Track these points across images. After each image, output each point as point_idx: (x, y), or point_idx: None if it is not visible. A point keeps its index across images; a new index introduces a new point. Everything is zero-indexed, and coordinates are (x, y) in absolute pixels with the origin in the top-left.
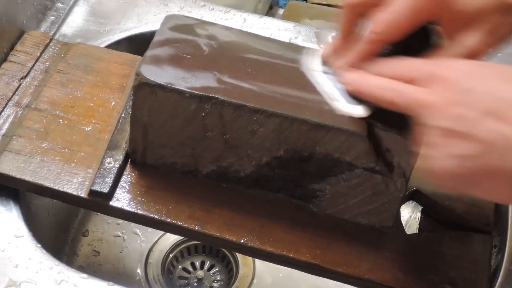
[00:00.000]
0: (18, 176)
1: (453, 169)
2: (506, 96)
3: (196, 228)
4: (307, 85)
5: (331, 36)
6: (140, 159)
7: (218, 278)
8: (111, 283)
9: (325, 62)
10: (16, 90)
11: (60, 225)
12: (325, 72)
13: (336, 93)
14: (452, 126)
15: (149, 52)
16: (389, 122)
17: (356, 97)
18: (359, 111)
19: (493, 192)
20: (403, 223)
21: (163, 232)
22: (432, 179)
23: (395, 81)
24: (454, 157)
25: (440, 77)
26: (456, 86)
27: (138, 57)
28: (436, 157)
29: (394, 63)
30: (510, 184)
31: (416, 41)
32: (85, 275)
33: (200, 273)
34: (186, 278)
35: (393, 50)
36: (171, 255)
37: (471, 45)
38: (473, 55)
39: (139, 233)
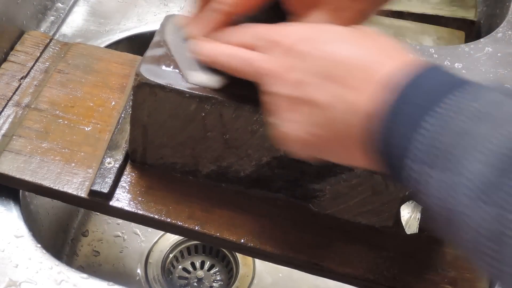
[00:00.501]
0: (18, 176)
1: (300, 136)
2: (341, 59)
3: (196, 228)
4: None
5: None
6: (140, 159)
7: (218, 278)
8: (111, 283)
9: (187, 35)
10: (16, 90)
11: (60, 225)
12: (183, 41)
13: (192, 63)
14: (293, 93)
15: (149, 52)
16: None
17: (212, 68)
18: (212, 81)
19: (343, 156)
20: (403, 223)
21: (163, 232)
22: (283, 147)
23: (238, 48)
24: (299, 123)
25: (277, 42)
26: (292, 51)
27: (138, 57)
28: (282, 125)
29: (241, 31)
30: (356, 147)
31: (269, 16)
32: (85, 275)
33: (200, 273)
34: (186, 278)
35: (249, 22)
36: (171, 255)
37: (315, 22)
38: None
39: (139, 233)
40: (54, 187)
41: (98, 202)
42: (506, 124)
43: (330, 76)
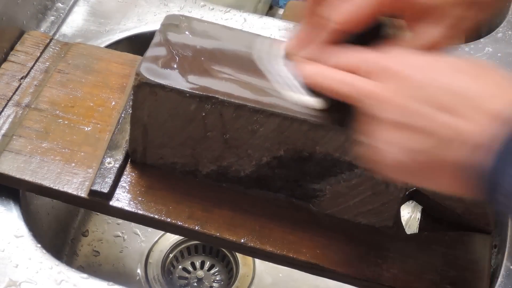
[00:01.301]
0: (18, 176)
1: (403, 162)
2: (457, 91)
3: (196, 228)
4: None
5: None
6: (140, 159)
7: (218, 278)
8: (111, 283)
9: (289, 54)
10: (16, 90)
11: (60, 225)
12: (286, 65)
13: (296, 85)
14: (403, 119)
15: (149, 52)
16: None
17: (310, 89)
18: (315, 102)
19: (442, 185)
20: (403, 223)
21: (163, 232)
22: (383, 171)
23: (350, 75)
24: (405, 151)
25: (393, 70)
26: (408, 80)
27: (138, 57)
28: (387, 150)
29: (351, 55)
30: (458, 177)
31: (374, 34)
32: (85, 275)
33: (200, 273)
34: (186, 278)
35: (351, 42)
36: (171, 255)
37: (432, 38)
38: (433, 48)
39: (139, 233)
40: (54, 187)
41: (98, 202)
42: None
43: (444, 106)
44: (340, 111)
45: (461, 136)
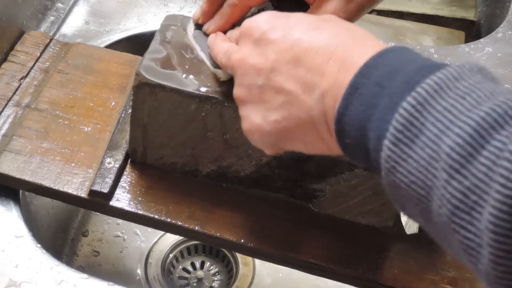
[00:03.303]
0: (18, 176)
1: (261, 124)
2: (304, 45)
3: (196, 228)
4: None
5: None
6: (140, 159)
7: (218, 278)
8: (111, 283)
9: (199, 25)
10: (16, 90)
11: (60, 225)
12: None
13: (207, 55)
14: (254, 80)
15: (149, 52)
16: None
17: None
18: (221, 74)
19: (307, 143)
20: (403, 223)
21: (163, 232)
22: (249, 139)
23: (222, 41)
24: (261, 112)
25: (246, 33)
26: (258, 40)
27: (138, 57)
28: (246, 116)
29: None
30: (318, 132)
31: (288, 6)
32: (85, 275)
33: (200, 273)
34: (186, 278)
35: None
36: (171, 255)
37: (329, 10)
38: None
39: (139, 233)
40: (54, 187)
41: (98, 202)
42: (491, 97)
43: (300, 63)
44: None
45: (308, 86)
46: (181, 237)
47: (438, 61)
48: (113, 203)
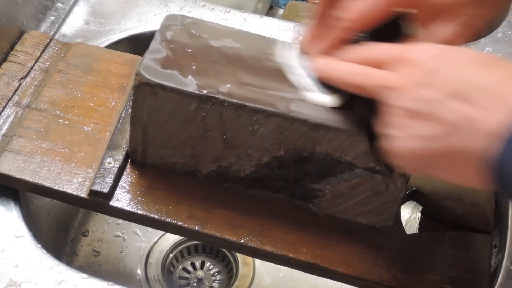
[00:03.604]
0: (18, 176)
1: (415, 150)
2: (471, 79)
3: (196, 228)
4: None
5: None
6: (140, 159)
7: (218, 278)
8: (111, 283)
9: (301, 52)
10: (16, 90)
11: (60, 225)
12: (300, 63)
13: (309, 83)
14: (416, 107)
15: (149, 52)
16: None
17: (329, 87)
18: (330, 100)
19: (455, 174)
20: (403, 223)
21: (163, 232)
22: (395, 160)
23: (363, 66)
24: (417, 138)
25: (407, 59)
26: (422, 68)
27: (138, 57)
28: (399, 138)
29: (364, 48)
30: (470, 166)
31: (389, 31)
32: (85, 275)
33: (200, 273)
34: (186, 278)
35: (367, 39)
36: (171, 255)
37: (445, 36)
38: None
39: (139, 233)
40: (54, 187)
41: (98, 202)
42: None
43: (457, 94)
44: (341, 111)
45: (472, 124)
46: (181, 237)
47: None
48: (113, 203)
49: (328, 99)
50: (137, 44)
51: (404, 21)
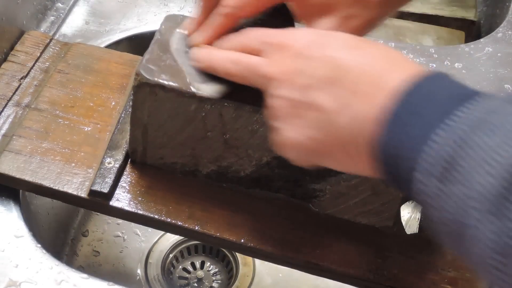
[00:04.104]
0: (18, 176)
1: (301, 141)
2: (350, 66)
3: (196, 228)
4: None
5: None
6: (140, 159)
7: (218, 278)
8: (111, 283)
9: (189, 41)
10: (16, 90)
11: (60, 225)
12: (187, 52)
13: (193, 72)
14: (294, 96)
15: (149, 52)
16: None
17: (214, 76)
18: (212, 90)
19: (344, 163)
20: (403, 223)
21: (163, 232)
22: (284, 153)
23: (240, 54)
24: (301, 128)
25: (285, 46)
26: (296, 54)
27: (138, 57)
28: (284, 129)
29: (241, 35)
30: (358, 154)
31: (276, 21)
32: (85, 275)
33: (200, 273)
34: (186, 278)
35: (253, 26)
36: (171, 255)
37: (324, 29)
38: None
39: (139, 233)
40: (54, 187)
41: (98, 202)
42: None
43: (339, 82)
44: (212, 86)
45: (358, 113)
46: (181, 237)
47: (470, 88)
48: (113, 203)
49: (211, 89)
50: (137, 44)
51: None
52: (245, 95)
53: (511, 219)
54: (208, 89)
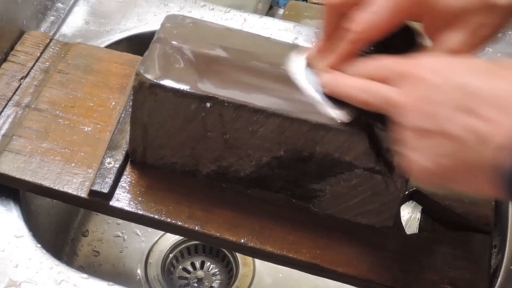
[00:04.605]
0: (18, 176)
1: (429, 168)
2: (475, 91)
3: (196, 228)
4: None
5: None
6: (140, 159)
7: (218, 278)
8: (111, 283)
9: (309, 64)
10: (16, 90)
11: (60, 225)
12: (309, 75)
13: (319, 96)
14: (423, 125)
15: (149, 52)
16: (389, 122)
17: (341, 101)
18: (341, 115)
19: (471, 186)
20: (403, 223)
21: (163, 232)
22: (412, 177)
23: (368, 81)
24: (430, 156)
25: (410, 75)
26: (425, 83)
27: (138, 57)
28: (412, 156)
29: (369, 62)
30: (484, 178)
31: (400, 41)
32: (85, 275)
33: (200, 273)
34: (186, 278)
35: (376, 51)
36: (171, 255)
37: (453, 45)
38: (455, 55)
39: (139, 233)
40: (54, 187)
41: (98, 202)
42: None
43: (464, 108)
44: (340, 110)
45: (484, 137)
46: (181, 237)
47: None
48: (113, 203)
49: (339, 114)
50: (137, 44)
51: (416, 32)
52: (389, 119)
53: None
54: (332, 113)
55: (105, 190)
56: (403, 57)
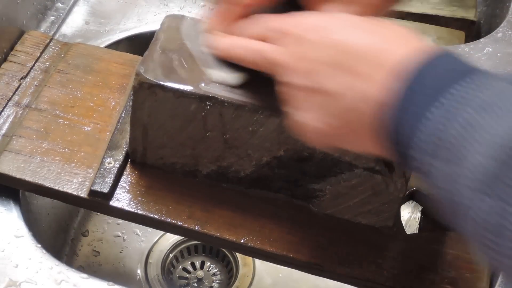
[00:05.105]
0: (18, 176)
1: (319, 128)
2: (351, 47)
3: (196, 228)
4: None
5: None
6: (140, 159)
7: (218, 278)
8: (111, 283)
9: (208, 30)
10: (16, 90)
11: (60, 225)
12: (202, 41)
13: (211, 61)
14: (303, 82)
15: (149, 52)
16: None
17: (233, 65)
18: (232, 79)
19: (357, 144)
20: (403, 223)
21: (163, 232)
22: (304, 138)
23: (252, 41)
24: (315, 114)
25: (290, 33)
26: (303, 41)
27: (138, 57)
28: (301, 117)
29: (253, 22)
30: (368, 134)
31: (289, 9)
32: (85, 275)
33: (200, 273)
34: (186, 278)
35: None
36: (171, 255)
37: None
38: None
39: (139, 233)
40: (54, 187)
41: (98, 202)
42: (510, 115)
43: (340, 64)
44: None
45: (362, 94)
46: (181, 237)
47: (470, 65)
48: (113, 203)
49: (230, 77)
50: (137, 44)
51: None
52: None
53: (503, 199)
54: (223, 75)
55: (105, 190)
56: (285, 16)
